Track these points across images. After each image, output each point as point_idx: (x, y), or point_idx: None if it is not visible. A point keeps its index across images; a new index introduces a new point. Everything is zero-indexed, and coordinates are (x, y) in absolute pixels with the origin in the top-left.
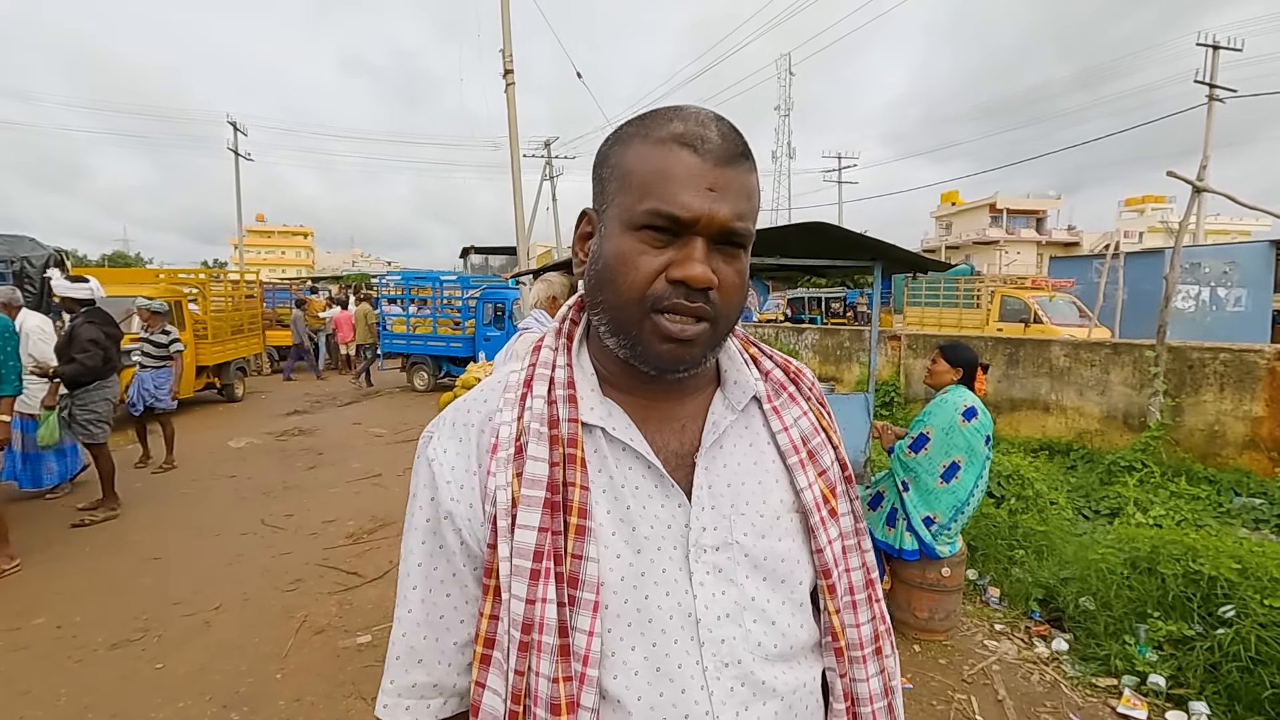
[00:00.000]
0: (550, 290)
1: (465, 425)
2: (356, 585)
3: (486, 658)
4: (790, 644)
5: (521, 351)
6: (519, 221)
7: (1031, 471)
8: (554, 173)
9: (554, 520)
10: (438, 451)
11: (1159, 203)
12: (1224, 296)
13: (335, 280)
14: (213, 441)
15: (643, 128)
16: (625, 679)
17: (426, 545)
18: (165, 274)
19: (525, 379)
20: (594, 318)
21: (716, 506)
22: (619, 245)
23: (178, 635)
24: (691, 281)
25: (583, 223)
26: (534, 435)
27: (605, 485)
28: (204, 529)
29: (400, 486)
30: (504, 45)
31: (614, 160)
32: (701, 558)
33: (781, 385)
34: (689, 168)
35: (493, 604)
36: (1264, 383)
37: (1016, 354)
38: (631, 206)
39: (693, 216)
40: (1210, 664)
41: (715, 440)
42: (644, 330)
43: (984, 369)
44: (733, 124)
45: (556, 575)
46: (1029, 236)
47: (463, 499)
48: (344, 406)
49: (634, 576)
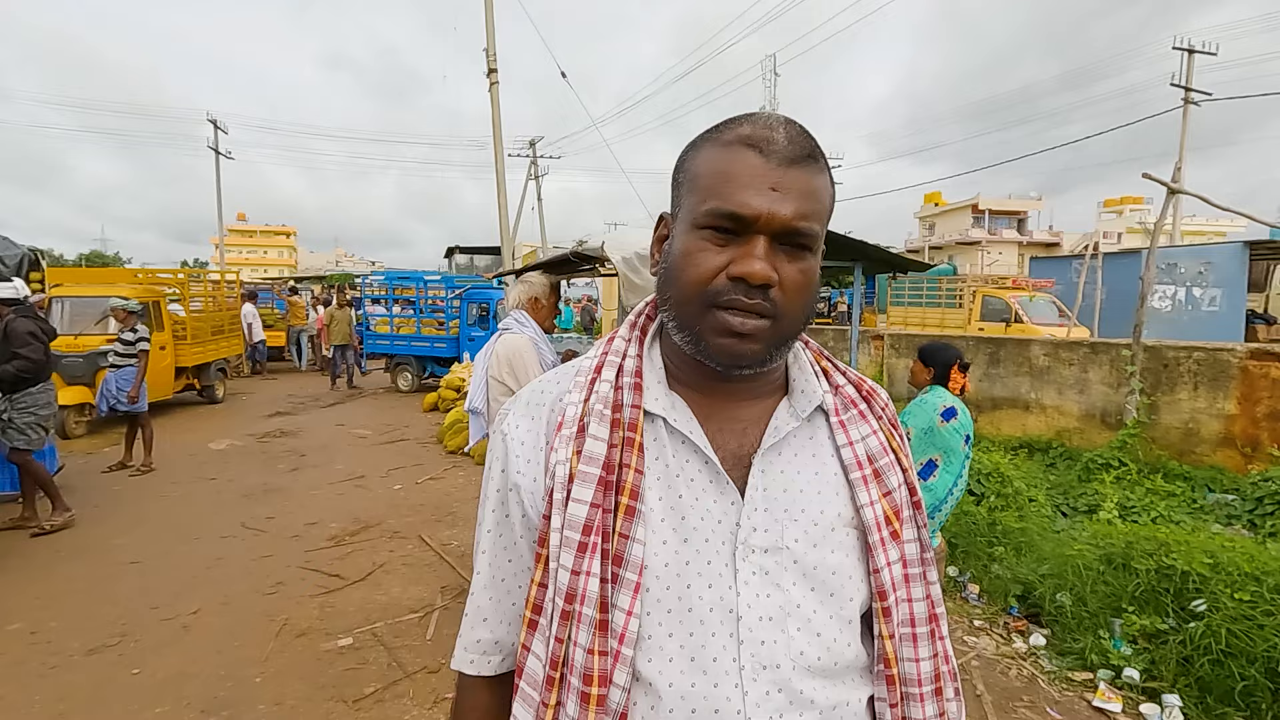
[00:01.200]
0: (531, 291)
1: (537, 404)
2: (339, 588)
3: (533, 623)
4: (835, 660)
5: (503, 353)
6: (503, 221)
7: (1011, 469)
8: (539, 172)
9: (606, 498)
10: (511, 427)
11: (1137, 204)
12: (1199, 296)
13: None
14: (193, 443)
15: (714, 133)
16: (659, 663)
17: (495, 514)
18: (144, 274)
19: (596, 365)
20: (663, 314)
21: (769, 509)
22: (684, 244)
23: (155, 640)
24: (750, 278)
25: (660, 226)
26: (596, 416)
27: (660, 472)
28: (183, 532)
29: (383, 488)
30: (488, 44)
31: (686, 165)
32: (749, 557)
33: (852, 401)
34: (752, 168)
35: (542, 573)
36: (1237, 381)
37: (998, 353)
38: (696, 207)
39: (753, 214)
40: (1183, 657)
41: (774, 444)
42: (704, 325)
43: (963, 368)
44: (804, 127)
45: (603, 551)
46: (1010, 237)
47: (528, 473)
48: (327, 408)
49: (678, 564)
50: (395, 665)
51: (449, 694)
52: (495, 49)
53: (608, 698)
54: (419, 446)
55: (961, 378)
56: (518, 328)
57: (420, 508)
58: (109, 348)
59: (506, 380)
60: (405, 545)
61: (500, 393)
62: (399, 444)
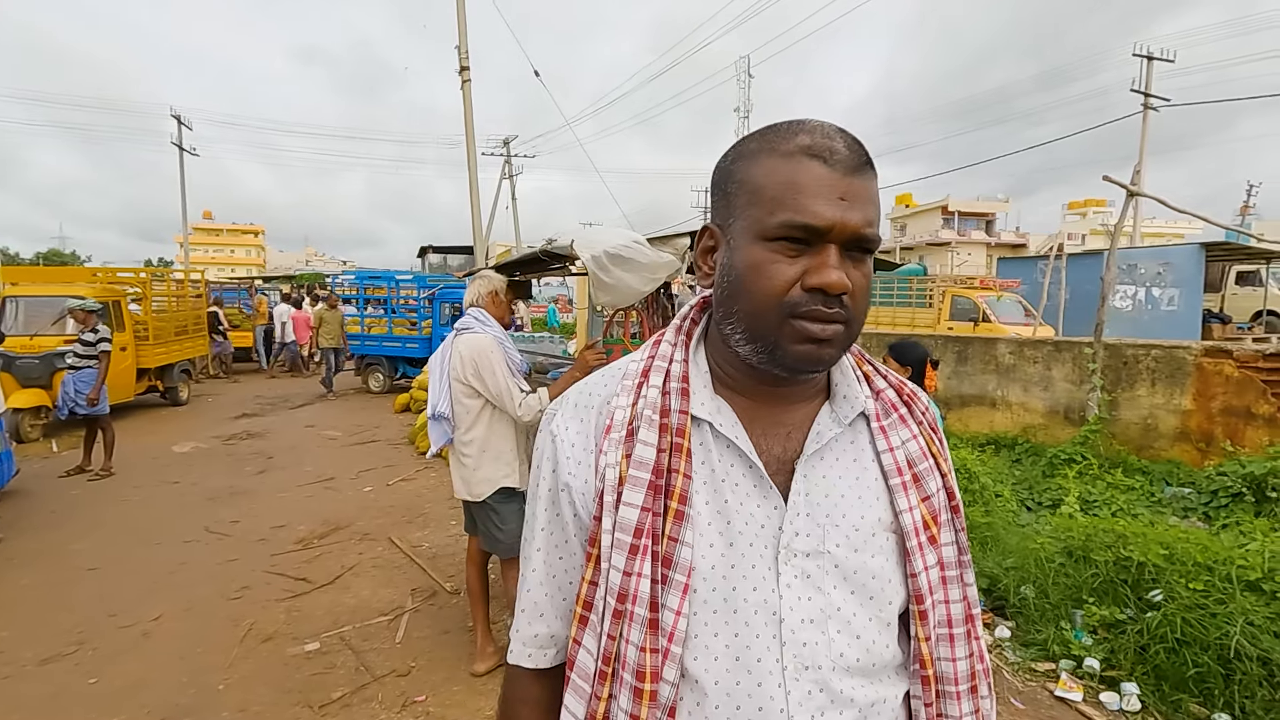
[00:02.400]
0: (489, 285)
1: (586, 406)
2: (306, 591)
3: (584, 619)
4: (874, 661)
5: (466, 354)
6: (475, 220)
7: (978, 465)
8: (513, 171)
9: (655, 502)
10: (560, 428)
11: (1100, 206)
12: (1159, 296)
13: (288, 280)
14: (156, 446)
15: (767, 142)
16: (705, 662)
17: (548, 512)
18: (103, 273)
19: (644, 369)
20: (726, 327)
21: (812, 514)
22: (752, 256)
23: (114, 648)
24: (829, 288)
25: (704, 237)
26: (645, 421)
27: (706, 477)
28: (145, 537)
29: (353, 490)
30: (459, 41)
31: (740, 175)
32: (791, 561)
33: (893, 406)
34: (820, 178)
35: (593, 571)
36: (1192, 378)
37: (966, 352)
38: (763, 219)
39: (827, 225)
40: (1140, 646)
41: (817, 450)
42: (783, 335)
43: (934, 365)
44: (855, 136)
45: (653, 554)
46: (979, 238)
47: (579, 474)
48: (297, 409)
49: (724, 567)
50: (363, 669)
51: (419, 697)
52: (467, 47)
53: (659, 693)
54: (390, 448)
55: (933, 375)
56: (479, 326)
57: (391, 509)
58: (67, 349)
59: (472, 382)
60: (375, 547)
61: (465, 395)
62: (370, 445)
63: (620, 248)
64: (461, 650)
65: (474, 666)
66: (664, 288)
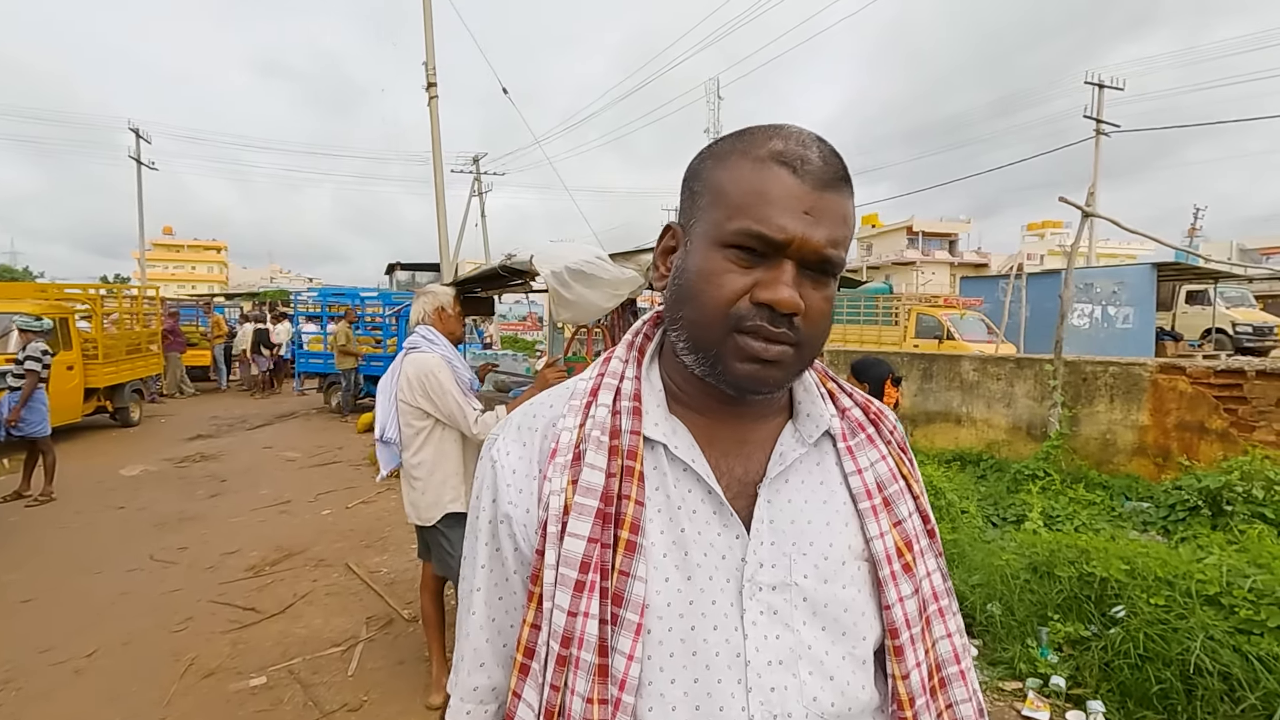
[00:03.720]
0: (435, 301)
1: (530, 429)
2: (254, 621)
3: (525, 668)
4: (849, 704)
5: (413, 374)
6: (442, 238)
7: (944, 481)
8: (483, 189)
9: (604, 532)
10: (501, 454)
11: (1057, 227)
12: (1114, 314)
13: (250, 297)
14: (102, 469)
15: (740, 143)
16: (662, 712)
17: (488, 548)
18: (50, 289)
19: (592, 388)
20: (672, 333)
21: (777, 543)
22: (705, 262)
23: (42, 686)
24: (778, 305)
25: (666, 236)
26: (594, 443)
27: (661, 504)
28: (84, 566)
29: (311, 513)
30: (427, 58)
31: (706, 175)
32: (756, 595)
33: (860, 425)
34: (787, 188)
35: (535, 613)
36: (1148, 394)
37: (931, 369)
38: (721, 223)
39: (786, 239)
40: (1105, 663)
41: (781, 472)
42: (725, 349)
43: (895, 382)
44: (834, 147)
45: (601, 590)
46: (943, 258)
47: (520, 503)
48: (255, 430)
49: (681, 604)
50: (311, 705)
51: None
52: (435, 63)
53: None
54: (351, 469)
55: (895, 392)
56: (426, 345)
57: (350, 533)
58: (6, 369)
59: (421, 403)
60: (330, 574)
61: (413, 417)
62: (330, 466)
63: (582, 263)
64: (418, 681)
65: (429, 699)
66: (629, 304)
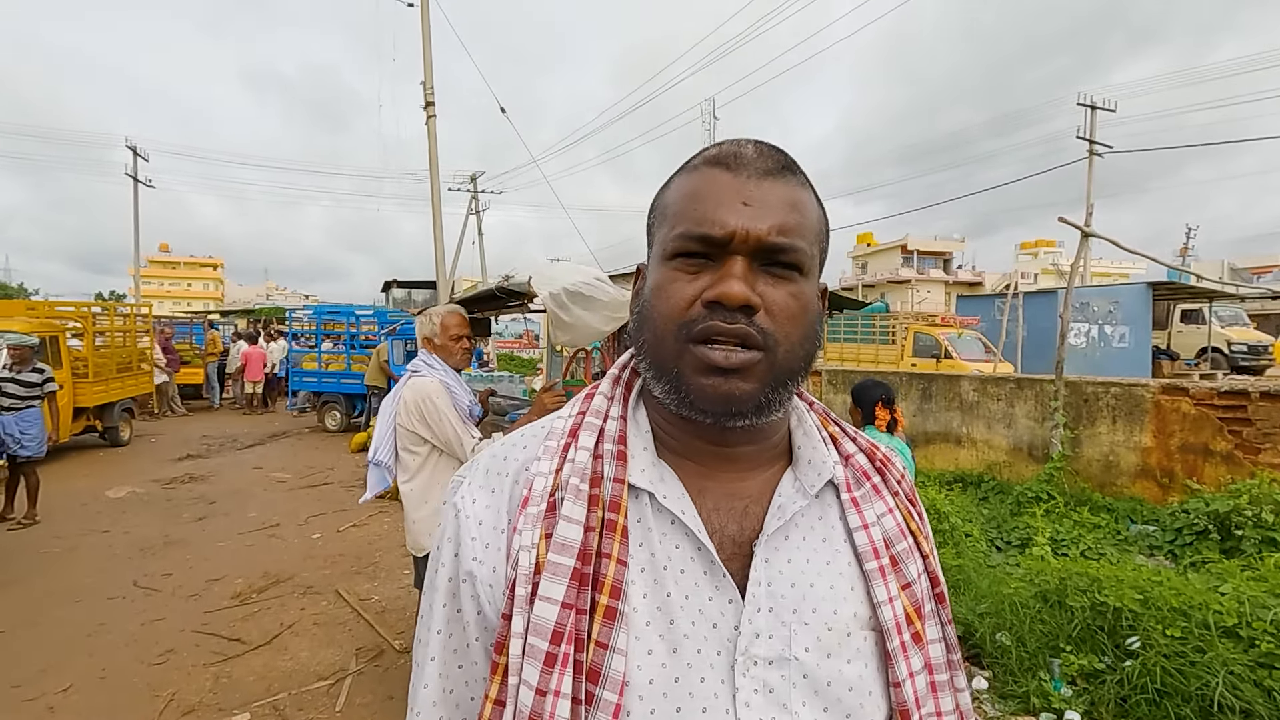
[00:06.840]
0: (421, 330)
1: (499, 474)
2: (239, 654)
3: None
4: None
5: (411, 399)
6: (439, 256)
7: (947, 504)
8: (480, 207)
9: (580, 597)
10: (465, 501)
11: (1050, 246)
12: (1110, 333)
13: (246, 314)
14: (87, 491)
15: (684, 164)
16: None
17: (446, 610)
18: (39, 306)
19: (571, 427)
20: (641, 366)
21: (775, 610)
22: (655, 279)
23: None
24: (725, 299)
25: (637, 279)
26: (571, 492)
27: (645, 563)
28: (63, 594)
29: (300, 537)
30: (425, 76)
31: (656, 203)
32: (750, 670)
33: (865, 474)
34: (721, 185)
35: (499, 688)
36: (1151, 415)
37: (930, 389)
38: (666, 238)
39: (726, 233)
40: (1120, 697)
41: (780, 528)
42: (683, 364)
43: (884, 402)
44: (775, 144)
45: (575, 664)
46: (937, 276)
47: (486, 559)
48: (245, 450)
49: (665, 681)
50: None
51: None
52: (433, 82)
53: None
54: (343, 490)
55: (887, 413)
56: (426, 370)
57: (339, 558)
58: None
59: (418, 429)
60: (319, 601)
61: (411, 443)
62: (321, 488)
63: (580, 285)
64: None
65: None
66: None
